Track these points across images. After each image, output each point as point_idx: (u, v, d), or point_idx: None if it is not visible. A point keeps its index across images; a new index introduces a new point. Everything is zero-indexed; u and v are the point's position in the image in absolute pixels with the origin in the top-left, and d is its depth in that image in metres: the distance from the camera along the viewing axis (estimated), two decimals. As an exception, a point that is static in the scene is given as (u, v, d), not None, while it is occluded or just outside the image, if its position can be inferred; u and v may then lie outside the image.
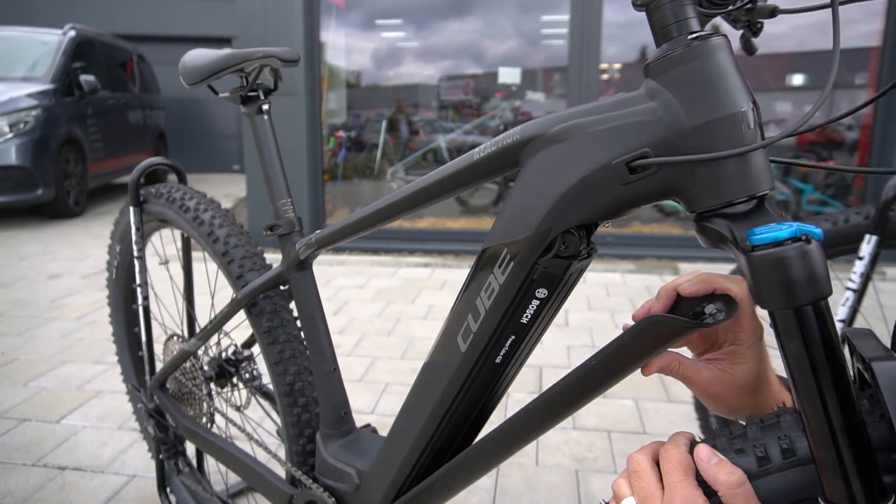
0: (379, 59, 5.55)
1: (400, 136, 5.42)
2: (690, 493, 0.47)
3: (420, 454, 0.74)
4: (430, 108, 5.60)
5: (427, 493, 0.74)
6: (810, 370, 0.42)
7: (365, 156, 5.46)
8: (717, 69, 0.46)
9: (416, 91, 5.69)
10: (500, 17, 5.24)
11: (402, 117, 5.51)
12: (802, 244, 0.41)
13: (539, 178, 0.56)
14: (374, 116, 5.61)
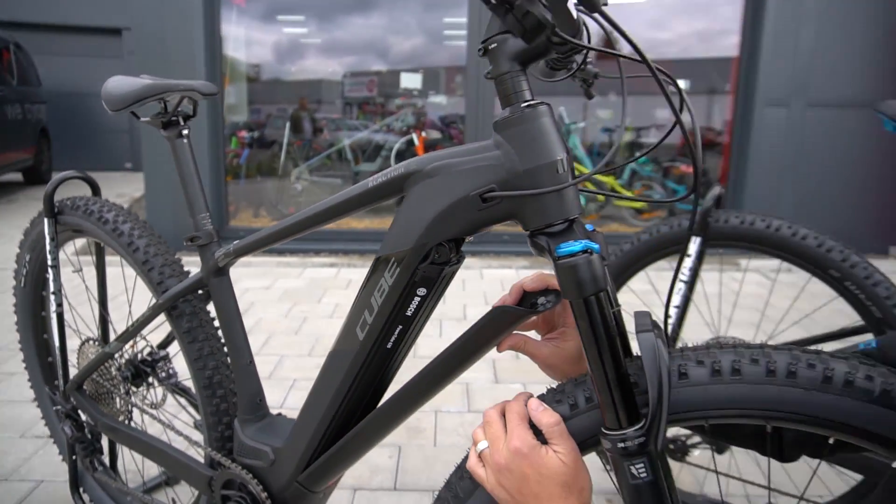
0: (281, 52, 5.44)
1: (304, 135, 5.42)
2: (523, 433, 0.66)
3: (326, 428, 0.89)
4: (334, 105, 5.60)
5: (332, 459, 0.89)
6: (593, 339, 0.62)
7: (269, 155, 5.42)
8: (542, 129, 0.65)
9: (320, 87, 5.67)
10: (404, 14, 5.32)
11: (306, 115, 5.50)
12: (588, 255, 0.60)
13: (418, 204, 0.73)
14: (277, 112, 5.54)
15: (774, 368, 0.62)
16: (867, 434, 0.61)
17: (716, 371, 0.63)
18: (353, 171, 5.35)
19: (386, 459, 1.88)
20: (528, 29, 0.58)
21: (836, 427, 0.62)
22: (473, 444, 0.71)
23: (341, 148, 5.39)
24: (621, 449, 0.61)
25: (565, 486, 0.64)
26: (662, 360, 0.62)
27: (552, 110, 0.67)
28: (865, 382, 0.60)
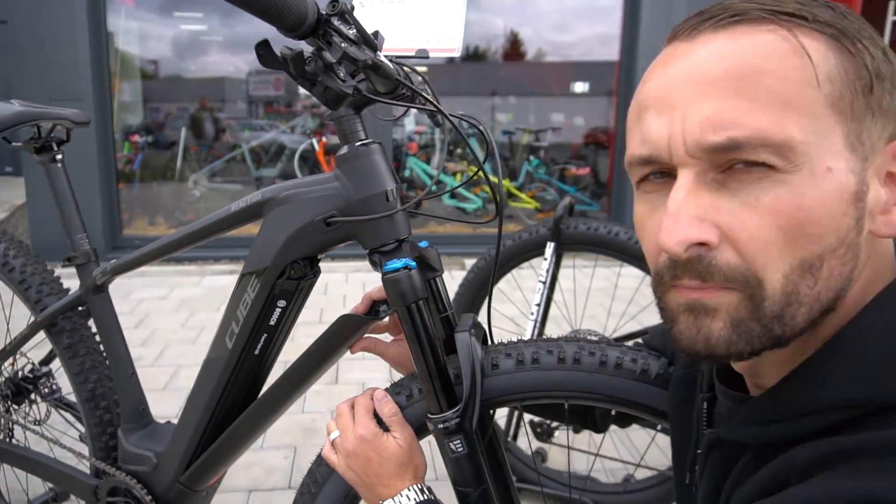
0: (181, 47, 5.15)
1: (205, 137, 5.27)
2: (367, 422, 0.78)
3: (204, 430, 0.98)
4: (238, 105, 5.46)
5: (210, 459, 0.98)
6: (416, 339, 0.74)
7: (166, 158, 5.22)
8: (374, 164, 0.77)
9: (223, 85, 5.50)
10: None
11: (207, 115, 5.35)
12: (407, 271, 0.73)
13: (274, 227, 0.83)
14: (177, 111, 5.37)
15: (564, 357, 0.77)
16: (635, 404, 0.77)
17: (520, 362, 0.78)
18: (254, 176, 5.30)
19: (282, 460, 1.95)
20: (329, 99, 0.69)
21: (613, 401, 0.78)
22: (327, 434, 0.83)
23: (241, 152, 5.30)
24: (442, 429, 0.75)
25: (402, 465, 0.76)
26: (475, 354, 0.76)
27: (383, 148, 0.79)
28: (630, 364, 0.76)
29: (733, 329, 0.44)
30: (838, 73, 0.42)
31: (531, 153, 5.44)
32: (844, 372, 0.42)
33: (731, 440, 0.51)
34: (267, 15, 0.56)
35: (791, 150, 0.41)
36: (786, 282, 0.42)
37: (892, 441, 0.37)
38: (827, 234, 0.42)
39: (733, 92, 0.42)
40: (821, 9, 0.44)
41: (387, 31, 0.81)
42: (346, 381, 2.50)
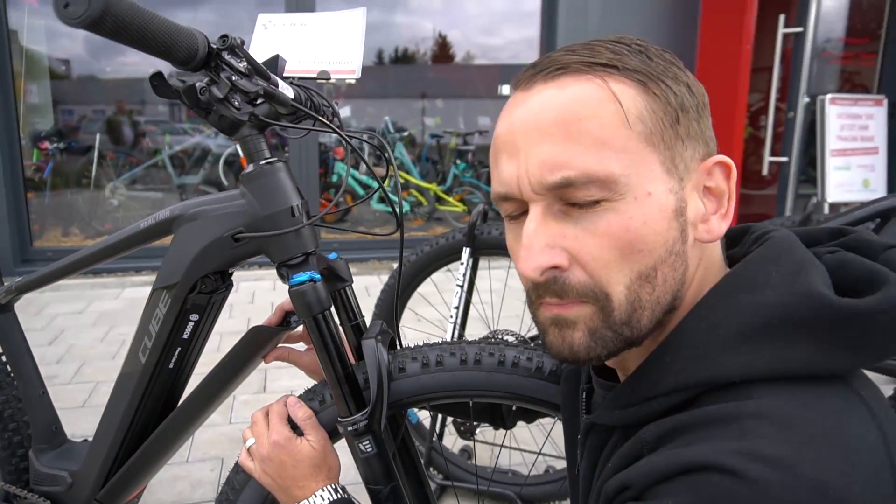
0: (94, 46, 4.86)
1: (122, 144, 5.05)
2: (281, 428, 0.81)
3: (120, 446, 0.98)
4: (158, 107, 5.25)
5: (126, 474, 0.98)
6: (323, 348, 0.78)
7: (80, 165, 4.97)
8: (278, 182, 0.80)
9: (143, 87, 5.26)
10: (237, 9, 5.16)
11: (125, 119, 5.13)
12: (312, 283, 0.77)
13: (183, 243, 0.85)
14: (91, 115, 5.12)
15: (466, 358, 0.83)
16: (532, 399, 0.83)
17: (425, 364, 0.83)
18: (176, 184, 5.15)
19: (208, 473, 1.93)
20: (225, 127, 0.72)
21: (512, 397, 0.84)
22: (243, 442, 0.85)
23: (161, 158, 5.13)
24: (352, 431, 0.79)
25: (315, 467, 0.80)
26: (381, 359, 0.81)
27: (288, 166, 0.82)
28: (526, 362, 0.83)
29: (591, 337, 0.51)
30: (647, 112, 0.50)
31: (458, 157, 5.52)
32: (681, 360, 0.49)
33: (601, 424, 0.58)
34: (157, 52, 0.58)
35: (614, 183, 0.48)
36: (628, 292, 0.50)
37: (717, 414, 0.44)
38: (656, 248, 0.49)
39: (562, 137, 0.49)
40: (631, 56, 0.51)
41: (289, 53, 0.85)
42: (273, 391, 2.49)
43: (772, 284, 0.48)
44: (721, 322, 0.48)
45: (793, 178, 4.30)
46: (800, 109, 4.12)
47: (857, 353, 0.45)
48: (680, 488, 0.41)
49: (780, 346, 0.46)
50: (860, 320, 0.45)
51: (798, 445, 0.40)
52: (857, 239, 0.54)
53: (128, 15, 0.55)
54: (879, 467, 0.41)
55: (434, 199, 5.45)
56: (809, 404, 0.43)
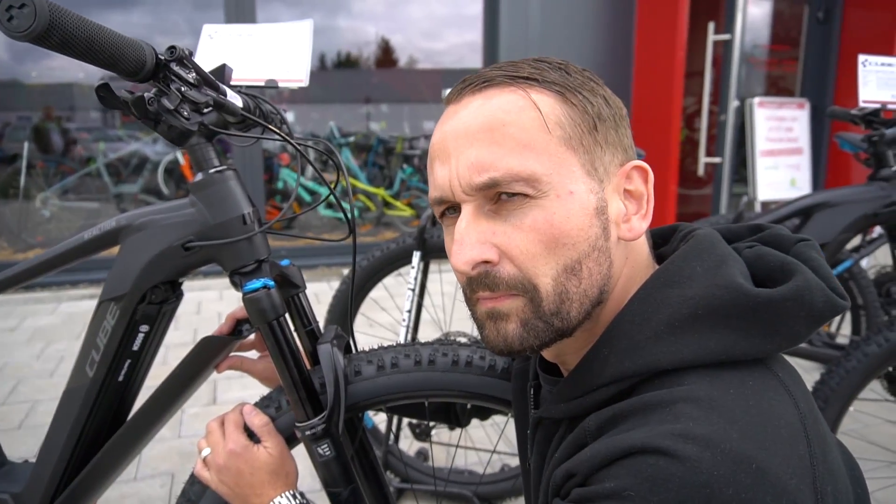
0: (17, 49, 4.60)
1: (52, 153, 4.83)
2: (237, 436, 0.81)
3: (67, 464, 0.95)
4: (90, 114, 5.05)
5: (75, 492, 0.95)
6: (279, 354, 0.79)
7: (6, 175, 4.73)
8: (229, 190, 0.80)
9: (72, 92, 5.05)
10: (171, 12, 5.03)
11: (53, 126, 4.91)
12: (266, 290, 0.77)
13: (131, 253, 0.84)
14: (16, 122, 4.88)
15: (420, 359, 0.85)
16: (486, 397, 0.86)
17: (380, 367, 0.84)
18: (113, 193, 4.97)
19: (158, 489, 1.88)
20: (174, 137, 0.72)
21: (467, 395, 0.86)
22: (199, 452, 0.85)
23: (96, 167, 4.93)
24: (310, 436, 0.79)
25: (273, 474, 0.80)
26: (337, 363, 0.82)
27: (238, 174, 0.82)
28: (479, 361, 0.85)
29: (523, 328, 0.55)
30: (565, 119, 0.54)
31: (405, 161, 5.53)
32: (617, 353, 0.52)
33: (548, 417, 0.60)
34: (104, 64, 0.58)
35: (537, 181, 0.52)
36: (555, 284, 0.53)
37: (651, 401, 0.48)
38: (579, 243, 0.53)
39: (488, 141, 0.53)
40: (550, 71, 0.56)
41: (236, 62, 0.85)
42: (224, 402, 2.44)
43: (696, 278, 0.52)
44: (652, 315, 0.52)
45: (726, 177, 4.50)
46: (730, 112, 4.32)
47: (772, 338, 0.50)
48: (620, 471, 0.44)
49: (705, 334, 0.50)
50: (773, 308, 0.50)
51: (724, 425, 0.44)
52: (773, 234, 0.59)
53: (74, 28, 0.55)
54: (796, 440, 0.45)
55: (382, 204, 5.44)
56: (733, 387, 0.48)
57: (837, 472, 0.48)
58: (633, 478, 0.43)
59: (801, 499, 0.43)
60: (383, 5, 5.41)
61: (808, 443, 0.46)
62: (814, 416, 0.49)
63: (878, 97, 1.43)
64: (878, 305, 2.12)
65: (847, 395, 1.36)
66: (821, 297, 0.51)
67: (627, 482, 0.44)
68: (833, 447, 0.50)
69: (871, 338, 1.36)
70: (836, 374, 1.36)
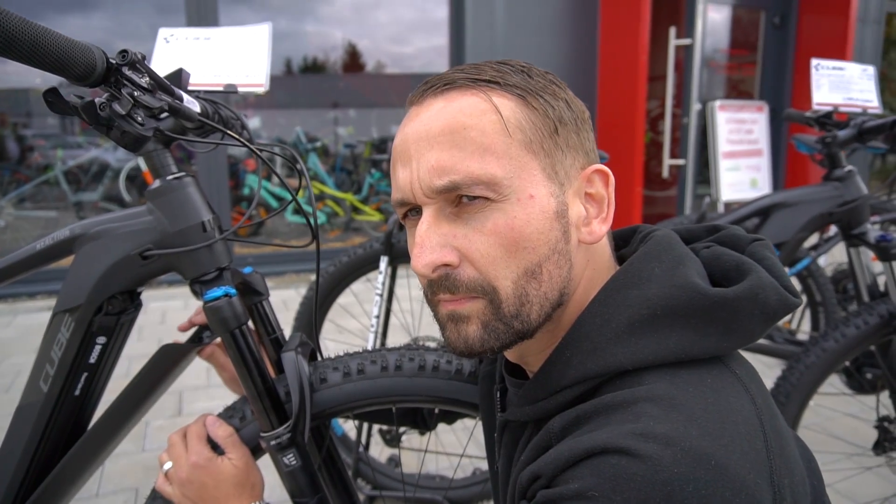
0: None
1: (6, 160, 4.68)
2: (200, 448, 0.79)
3: (21, 483, 0.91)
4: (46, 120, 4.90)
5: None
6: (242, 363, 0.77)
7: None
8: (187, 197, 0.78)
9: (28, 98, 4.92)
10: (132, 16, 4.91)
11: (8, 133, 4.75)
12: (228, 298, 0.76)
13: (86, 263, 0.81)
14: (-32, 130, 4.73)
15: (387, 365, 0.84)
16: (453, 401, 0.86)
17: (346, 374, 0.83)
18: (72, 201, 4.84)
19: (120, 505, 1.83)
20: (128, 143, 0.70)
21: (434, 400, 0.86)
22: (160, 467, 0.82)
23: (54, 175, 4.79)
24: (275, 445, 0.78)
25: (238, 486, 0.78)
26: (302, 371, 0.80)
27: (197, 181, 0.81)
28: (446, 365, 0.85)
29: (483, 330, 0.55)
30: (526, 122, 0.54)
31: (373, 166, 5.51)
32: (579, 354, 0.53)
33: (514, 420, 0.60)
34: (51, 68, 0.56)
35: (497, 185, 0.52)
36: (515, 287, 0.54)
37: (612, 401, 0.48)
38: (539, 246, 0.53)
39: (449, 144, 0.53)
40: (512, 74, 0.56)
41: (194, 67, 0.83)
42: (190, 413, 2.39)
43: (654, 279, 0.53)
44: (612, 316, 0.52)
45: (690, 179, 4.59)
46: (693, 115, 4.41)
47: (728, 336, 0.51)
48: (584, 472, 0.45)
49: (663, 334, 0.50)
50: (728, 306, 0.51)
51: (683, 423, 0.45)
52: (729, 234, 0.60)
53: (17, 30, 0.53)
54: (753, 435, 0.46)
55: (350, 209, 5.40)
56: (692, 385, 0.48)
57: (794, 465, 0.49)
58: (596, 478, 0.44)
59: (758, 493, 0.44)
60: (350, 10, 5.38)
61: (764, 437, 0.47)
62: (770, 411, 0.50)
63: (830, 100, 1.48)
64: (835, 302, 2.18)
65: (807, 390, 1.39)
66: (774, 295, 0.52)
67: (591, 482, 0.44)
68: (790, 440, 0.51)
69: (828, 333, 1.39)
70: (797, 369, 1.40)
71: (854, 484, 1.87)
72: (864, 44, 5.97)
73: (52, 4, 4.55)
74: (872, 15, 6.03)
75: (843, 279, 2.36)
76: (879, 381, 1.72)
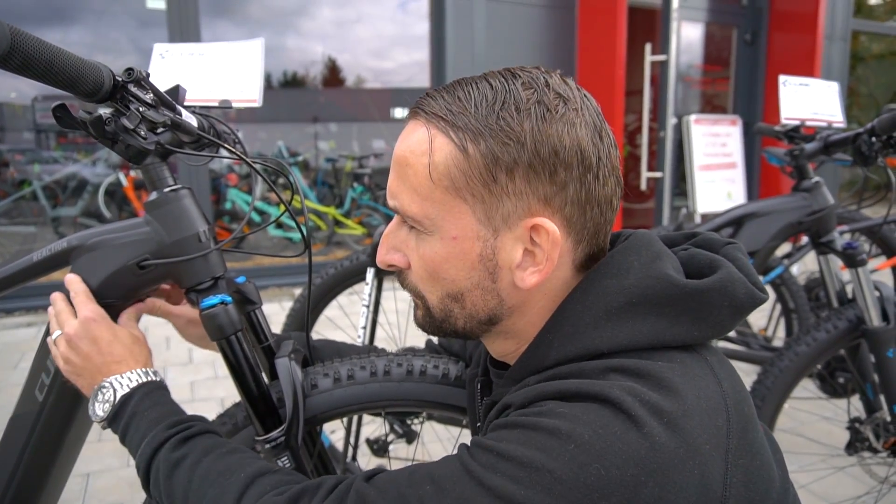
0: None
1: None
2: (92, 305, 0.79)
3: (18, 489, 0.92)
4: (22, 134, 4.85)
5: None
6: (237, 369, 0.80)
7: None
8: (183, 209, 0.81)
9: (1, 112, 4.89)
10: (112, 30, 4.89)
11: (-17, 149, 4.69)
12: (224, 306, 0.78)
13: (84, 274, 0.83)
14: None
15: (376, 371, 0.87)
16: (441, 405, 0.88)
17: (337, 379, 0.86)
18: (51, 216, 4.79)
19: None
20: (132, 156, 0.73)
21: (423, 404, 0.89)
22: (51, 335, 0.82)
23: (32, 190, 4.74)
24: (270, 448, 0.80)
25: (136, 344, 0.81)
26: (296, 377, 0.83)
27: (193, 193, 0.83)
28: (433, 370, 0.88)
29: (423, 320, 0.65)
30: (456, 171, 0.56)
31: (355, 180, 5.53)
32: (560, 338, 0.57)
33: (497, 400, 0.64)
34: (63, 85, 0.59)
35: (419, 222, 0.59)
36: (440, 304, 0.62)
37: (586, 368, 0.54)
38: (458, 280, 0.60)
39: (398, 174, 0.60)
40: (468, 111, 0.55)
41: (189, 82, 0.86)
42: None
43: (632, 270, 0.57)
44: (592, 303, 0.57)
45: (667, 191, 4.68)
46: (669, 129, 4.50)
47: (699, 325, 0.55)
48: (559, 407, 0.50)
49: (638, 320, 0.55)
50: (699, 297, 0.55)
51: (649, 386, 0.50)
52: (704, 238, 0.65)
53: (35, 50, 0.56)
54: (715, 412, 0.51)
55: (333, 223, 5.41)
56: (663, 360, 0.53)
57: (758, 452, 0.52)
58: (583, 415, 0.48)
59: (710, 464, 0.48)
60: (332, 25, 5.43)
61: (727, 417, 0.51)
62: (739, 397, 0.54)
63: (797, 115, 1.54)
64: (808, 309, 2.24)
65: (782, 392, 1.44)
66: (742, 289, 0.56)
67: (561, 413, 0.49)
68: (758, 430, 0.55)
69: (800, 338, 1.45)
70: (771, 373, 1.45)
71: (828, 485, 1.92)
72: (831, 60, 6.16)
73: (31, 17, 4.53)
74: (839, 32, 6.24)
75: (815, 287, 2.43)
76: (850, 384, 1.79)
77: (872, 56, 7.61)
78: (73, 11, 4.73)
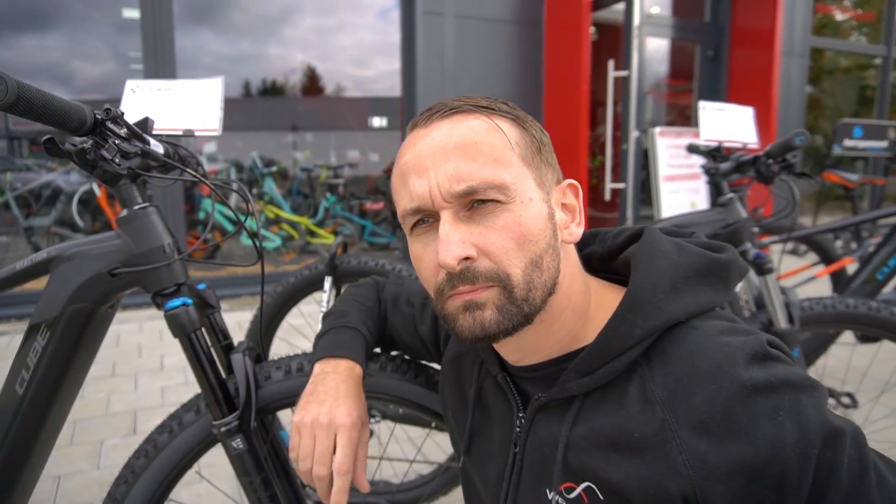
0: None
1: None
2: None
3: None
4: None
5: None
6: (197, 362, 0.92)
7: None
8: (150, 224, 0.93)
9: None
10: (90, 37, 4.92)
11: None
12: (185, 307, 0.90)
13: (62, 280, 0.95)
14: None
15: (322, 364, 0.99)
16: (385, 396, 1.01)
17: (287, 372, 0.98)
18: (24, 226, 4.82)
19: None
20: (108, 179, 0.85)
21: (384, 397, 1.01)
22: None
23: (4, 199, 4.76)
24: (224, 432, 0.92)
25: None
26: (248, 368, 0.95)
27: (159, 210, 0.95)
28: (373, 364, 1.01)
29: (499, 313, 0.64)
30: (521, 140, 0.67)
31: (329, 190, 5.63)
32: (643, 314, 0.64)
33: (559, 398, 0.69)
34: (55, 123, 0.72)
35: (507, 188, 0.64)
36: (524, 274, 0.64)
37: (694, 347, 0.62)
38: (540, 241, 0.65)
39: (464, 156, 0.64)
40: (500, 105, 0.70)
41: (157, 114, 0.99)
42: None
43: (673, 252, 0.69)
44: (658, 282, 0.65)
45: (630, 201, 4.87)
46: (631, 142, 4.70)
47: (726, 290, 0.70)
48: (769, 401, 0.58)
49: (699, 290, 0.66)
50: (728, 267, 0.69)
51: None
52: (666, 230, 0.78)
53: (34, 98, 0.70)
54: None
55: (306, 233, 5.51)
56: (727, 319, 0.67)
57: None
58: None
59: None
60: (311, 33, 5.50)
61: None
62: None
63: (716, 136, 1.71)
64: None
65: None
66: (741, 261, 0.72)
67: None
68: None
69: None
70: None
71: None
72: (790, 75, 6.43)
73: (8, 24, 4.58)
74: (797, 48, 6.51)
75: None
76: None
77: (841, 70, 7.93)
78: (51, 18, 4.77)
